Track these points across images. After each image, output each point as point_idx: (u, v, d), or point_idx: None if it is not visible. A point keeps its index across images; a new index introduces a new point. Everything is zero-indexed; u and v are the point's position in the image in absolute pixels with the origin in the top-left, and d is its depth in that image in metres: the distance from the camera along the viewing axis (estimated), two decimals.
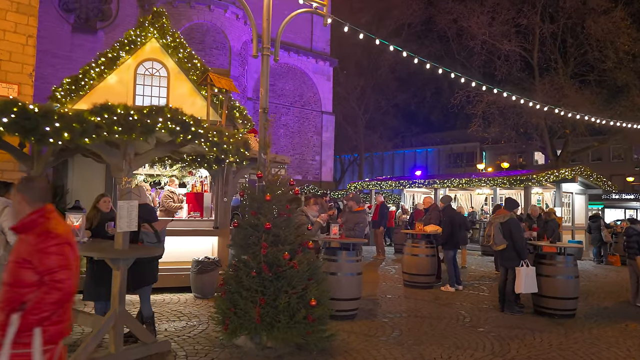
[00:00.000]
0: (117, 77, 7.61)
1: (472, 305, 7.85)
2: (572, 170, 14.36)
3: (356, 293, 6.63)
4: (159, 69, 7.83)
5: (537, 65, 28.38)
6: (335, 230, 6.81)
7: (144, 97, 7.65)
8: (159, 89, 7.70)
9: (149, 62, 7.78)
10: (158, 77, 7.77)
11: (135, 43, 7.53)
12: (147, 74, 7.76)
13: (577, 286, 7.31)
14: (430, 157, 58.38)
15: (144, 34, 7.64)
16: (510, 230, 7.28)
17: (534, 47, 28.08)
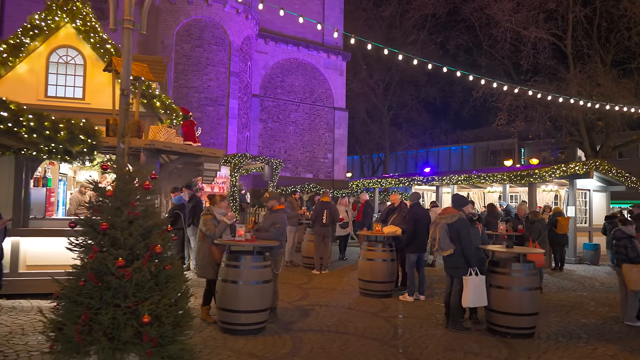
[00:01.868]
0: (28, 66, 7.10)
1: (420, 319, 6.78)
2: (585, 164, 12.77)
3: (260, 304, 5.75)
4: (74, 57, 7.24)
5: (572, 52, 26.16)
6: (241, 232, 5.95)
7: (57, 88, 7.08)
8: (74, 78, 7.10)
9: (63, 49, 7.22)
10: (73, 65, 7.18)
11: (39, 28, 6.98)
12: (62, 62, 7.20)
13: (535, 300, 6.09)
14: (466, 154, 56.05)
15: (51, 18, 7.07)
16: (459, 233, 6.17)
17: (567, 34, 25.93)
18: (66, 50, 7.23)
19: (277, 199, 6.43)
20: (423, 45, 33.83)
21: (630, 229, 7.13)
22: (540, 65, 25.80)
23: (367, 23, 34.51)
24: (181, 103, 19.38)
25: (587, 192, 14.26)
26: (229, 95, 19.88)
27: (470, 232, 6.21)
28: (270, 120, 23.66)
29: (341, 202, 12.83)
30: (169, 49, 19.32)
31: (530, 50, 24.99)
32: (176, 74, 19.36)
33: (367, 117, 36.89)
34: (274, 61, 23.77)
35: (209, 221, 6.12)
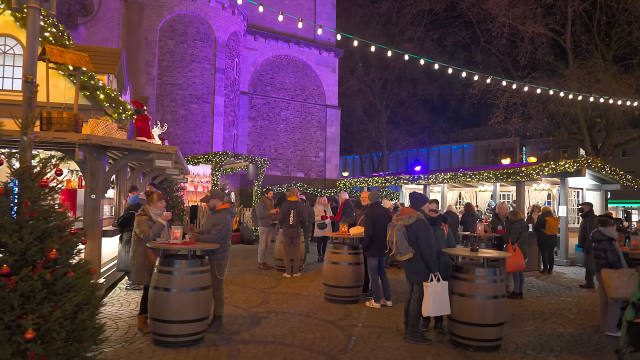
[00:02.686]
0: None
1: (380, 328, 6.24)
2: (576, 161, 12.16)
3: (195, 313, 5.23)
4: (13, 46, 6.76)
5: (571, 48, 25.46)
6: (176, 234, 5.43)
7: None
8: (13, 69, 6.62)
9: (0, 38, 6.73)
10: (12, 55, 6.70)
11: None
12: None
13: (501, 309, 5.52)
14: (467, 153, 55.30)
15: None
16: (417, 235, 5.62)
17: (567, 28, 25.26)
18: (4, 40, 6.75)
19: (219, 198, 5.91)
20: (420, 42, 33.25)
21: (611, 230, 6.57)
22: (538, 61, 25.15)
23: (363, 20, 33.98)
24: (165, 100, 18.97)
25: (580, 191, 13.66)
26: (214, 92, 19.40)
27: (431, 234, 5.65)
28: (260, 118, 23.16)
29: (320, 202, 12.31)
30: (152, 45, 18.87)
31: (528, 45, 24.34)
32: (160, 71, 18.90)
33: (365, 115, 36.33)
34: (264, 58, 23.26)
35: (143, 222, 5.61)
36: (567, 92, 20.57)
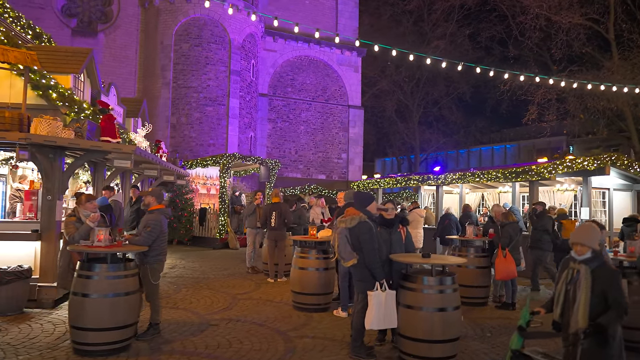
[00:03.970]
0: None
1: (331, 341, 5.72)
2: (597, 158, 11.05)
3: (112, 320, 4.91)
4: None
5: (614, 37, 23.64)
6: (101, 236, 5.15)
7: None
8: None
9: None
10: None
11: None
12: None
13: (453, 323, 4.86)
14: (510, 154, 52.94)
15: None
16: (359, 239, 5.08)
17: (609, 16, 23.47)
18: None
19: (155, 197, 5.58)
20: (452, 38, 32.06)
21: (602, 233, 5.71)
22: (575, 53, 23.49)
23: (394, 18, 33.17)
24: (180, 103, 19.09)
25: (607, 192, 12.45)
26: (229, 94, 19.34)
27: (374, 238, 5.08)
28: (280, 120, 22.93)
29: (317, 204, 11.82)
30: (168, 49, 19.06)
31: (564, 37, 22.78)
32: (175, 74, 19.05)
33: (396, 116, 35.40)
34: (284, 59, 23.04)
35: (70, 224, 5.38)
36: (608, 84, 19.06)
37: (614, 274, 3.30)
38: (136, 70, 19.83)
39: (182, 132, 18.91)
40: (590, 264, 3.31)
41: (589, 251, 3.35)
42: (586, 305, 3.22)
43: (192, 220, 15.90)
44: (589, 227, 3.49)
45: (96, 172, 8.61)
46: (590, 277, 3.27)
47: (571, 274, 3.41)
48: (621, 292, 3.22)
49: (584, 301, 3.23)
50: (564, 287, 3.44)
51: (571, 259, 3.47)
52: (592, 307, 3.22)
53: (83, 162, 7.22)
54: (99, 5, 19.67)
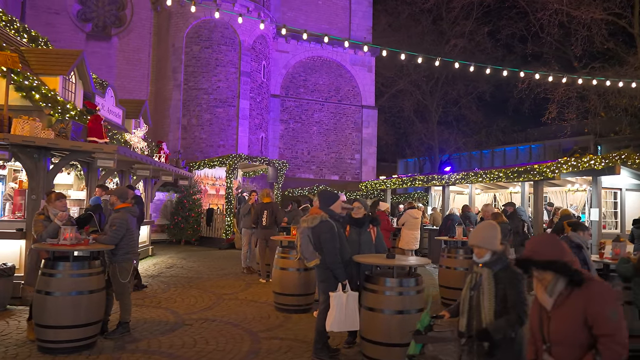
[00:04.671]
0: None
1: (299, 343, 5.63)
2: (605, 157, 10.60)
3: (75, 318, 4.94)
4: None
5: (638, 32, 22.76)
6: (67, 235, 5.19)
7: None
8: None
9: None
10: None
11: None
12: None
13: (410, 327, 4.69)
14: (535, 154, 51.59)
15: None
16: (319, 239, 4.98)
17: (634, 11, 22.61)
18: None
19: (119, 196, 5.60)
20: (471, 36, 31.47)
21: (582, 235, 5.45)
22: (596, 49, 22.68)
23: (412, 17, 32.75)
24: (191, 105, 19.30)
25: (619, 192, 11.93)
26: (239, 95, 19.44)
27: (335, 238, 4.95)
28: (292, 120, 22.93)
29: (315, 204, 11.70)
30: (179, 52, 19.30)
31: (583, 33, 22.03)
32: (186, 76, 19.27)
33: (415, 116, 34.93)
34: (296, 60, 23.04)
35: (38, 222, 5.46)
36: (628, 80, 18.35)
37: (516, 277, 2.90)
38: (149, 73, 20.16)
39: (192, 134, 19.12)
40: (493, 266, 2.98)
41: (488, 253, 3.02)
42: (490, 313, 2.91)
43: (199, 221, 16.03)
44: (485, 227, 3.13)
45: (89, 172, 8.73)
46: (493, 281, 2.95)
47: (475, 279, 3.08)
48: (520, 297, 2.85)
49: (487, 308, 2.92)
50: (468, 294, 3.11)
51: (475, 262, 3.14)
52: (497, 314, 2.90)
53: (68, 162, 7.33)
54: (113, 9, 20.09)
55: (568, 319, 2.26)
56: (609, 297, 2.25)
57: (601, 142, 46.51)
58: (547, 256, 2.34)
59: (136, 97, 19.11)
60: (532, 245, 2.47)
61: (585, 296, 2.24)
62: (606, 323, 2.18)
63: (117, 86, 19.77)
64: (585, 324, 2.22)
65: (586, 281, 2.28)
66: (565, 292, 2.32)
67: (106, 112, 10.92)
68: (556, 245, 2.41)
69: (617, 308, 2.21)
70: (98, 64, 19.33)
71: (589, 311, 2.21)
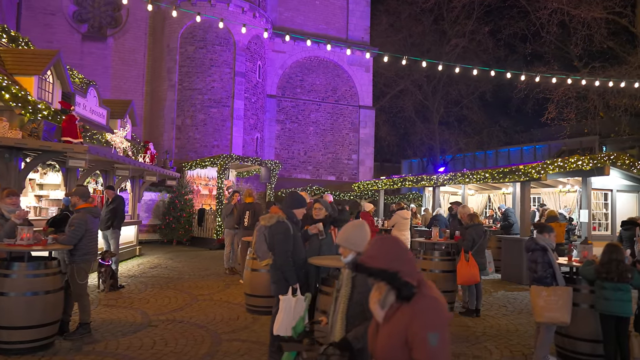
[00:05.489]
0: None
1: (260, 345, 5.56)
2: (593, 158, 10.43)
3: (28, 319, 4.91)
4: None
5: None
6: (24, 235, 5.17)
7: None
8: None
9: None
10: None
11: None
12: None
13: None
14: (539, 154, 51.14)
15: None
16: (273, 239, 4.91)
17: (637, 10, 22.32)
18: None
19: (80, 196, 5.56)
20: (473, 36, 31.26)
21: (547, 237, 5.33)
22: (596, 49, 22.40)
23: (413, 16, 32.60)
24: (185, 105, 19.31)
25: (609, 193, 11.75)
26: (233, 96, 19.42)
27: (289, 240, 4.87)
28: (289, 121, 22.88)
29: None
30: (173, 52, 19.33)
31: (582, 32, 21.77)
32: (180, 77, 19.29)
33: (416, 117, 34.74)
34: (293, 60, 22.98)
35: None
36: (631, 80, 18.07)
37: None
38: (144, 74, 20.21)
39: (187, 134, 19.13)
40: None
41: (351, 254, 2.81)
42: (343, 316, 2.73)
43: (191, 221, 16.03)
44: (352, 226, 2.93)
45: (68, 172, 8.73)
46: (350, 284, 2.79)
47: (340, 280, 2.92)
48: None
49: (341, 311, 2.75)
50: (335, 295, 2.93)
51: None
52: (350, 318, 2.71)
53: (40, 162, 7.33)
54: (109, 10, 20.16)
55: (392, 336, 1.93)
56: (434, 317, 1.88)
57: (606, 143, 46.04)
58: (380, 263, 1.98)
59: (131, 97, 19.16)
60: (371, 248, 2.11)
61: (410, 313, 1.90)
62: (421, 347, 1.83)
63: (112, 87, 19.87)
64: (407, 344, 1.89)
65: (417, 296, 1.93)
66: (395, 305, 1.98)
67: (88, 112, 10.93)
68: (393, 251, 2.03)
69: (439, 332, 1.85)
70: (94, 65, 19.42)
71: (410, 330, 1.87)
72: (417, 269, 2.03)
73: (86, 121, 10.35)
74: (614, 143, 44.13)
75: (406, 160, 50.81)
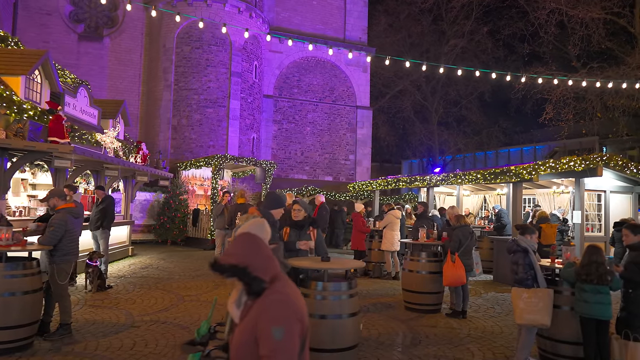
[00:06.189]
0: None
1: None
2: (585, 159, 10.37)
3: (5, 320, 4.89)
4: None
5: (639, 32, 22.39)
6: (3, 235, 5.15)
7: None
8: None
9: None
10: None
11: None
12: None
13: (346, 331, 4.56)
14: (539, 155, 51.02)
15: None
16: None
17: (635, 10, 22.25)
18: None
19: (59, 196, 5.55)
20: (472, 36, 31.22)
21: (529, 239, 5.29)
22: (594, 49, 22.32)
23: (412, 17, 32.56)
24: (181, 105, 19.31)
25: (603, 194, 11.69)
26: (229, 96, 19.41)
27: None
28: (286, 121, 22.85)
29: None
30: (169, 52, 19.32)
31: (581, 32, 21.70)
32: (176, 77, 19.29)
33: (415, 117, 34.67)
34: (290, 60, 22.96)
35: None
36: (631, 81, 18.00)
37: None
38: (140, 74, 20.21)
39: (182, 134, 19.12)
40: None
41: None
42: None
43: (185, 221, 16.01)
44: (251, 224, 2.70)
45: (57, 172, 8.71)
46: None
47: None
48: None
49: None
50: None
51: None
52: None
53: (26, 162, 7.32)
54: (106, 10, 20.17)
55: (243, 333, 1.87)
56: (279, 311, 1.82)
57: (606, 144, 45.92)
58: (232, 259, 1.91)
59: (127, 97, 19.17)
60: (229, 246, 2.06)
61: (258, 308, 1.85)
62: (266, 342, 1.78)
63: (108, 87, 19.88)
64: (256, 341, 1.83)
65: (267, 291, 1.88)
66: (249, 303, 1.93)
67: (78, 112, 10.92)
68: (245, 247, 1.97)
69: (285, 326, 1.79)
70: (90, 65, 19.44)
71: (258, 326, 1.82)
72: (274, 264, 1.96)
73: (76, 121, 10.35)
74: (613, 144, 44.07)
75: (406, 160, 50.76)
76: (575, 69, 23.75)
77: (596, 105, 21.35)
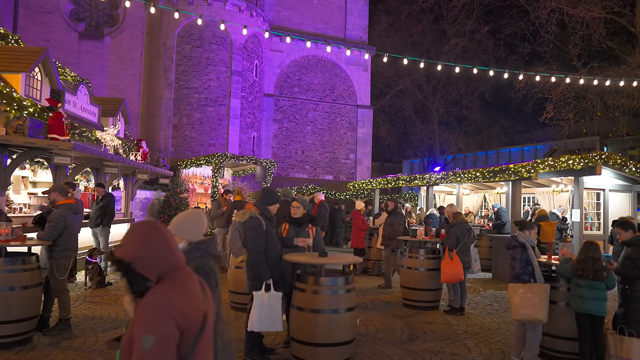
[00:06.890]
0: None
1: (239, 343, 5.55)
2: (584, 157, 10.39)
3: (10, 314, 4.95)
4: None
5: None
6: (2, 230, 5.19)
7: None
8: None
9: None
10: None
11: None
12: None
13: (343, 326, 4.60)
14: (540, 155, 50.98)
15: None
16: (245, 235, 4.93)
17: (636, 10, 22.23)
18: None
19: (60, 192, 5.58)
20: (472, 36, 31.22)
21: (528, 235, 5.31)
22: (594, 48, 22.31)
23: (413, 16, 32.56)
24: (182, 104, 19.35)
25: (602, 193, 11.70)
26: (230, 94, 19.44)
27: (260, 235, 4.86)
28: (286, 120, 22.88)
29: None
30: (170, 51, 19.36)
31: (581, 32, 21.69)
32: (177, 75, 19.32)
33: (415, 116, 34.69)
34: (291, 59, 22.99)
35: None
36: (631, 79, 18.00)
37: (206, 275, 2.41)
38: (141, 72, 20.25)
39: (183, 133, 19.16)
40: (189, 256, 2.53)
41: (182, 242, 2.61)
42: None
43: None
44: (185, 215, 2.74)
45: (57, 169, 8.75)
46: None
47: None
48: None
49: None
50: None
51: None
52: None
53: (25, 159, 7.36)
54: (106, 9, 20.21)
55: (128, 333, 1.69)
56: (151, 318, 1.60)
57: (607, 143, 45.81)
58: (121, 251, 1.72)
59: (128, 95, 19.20)
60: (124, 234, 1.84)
61: (136, 311, 1.67)
62: (136, 350, 1.58)
63: (109, 85, 19.92)
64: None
65: (149, 292, 1.68)
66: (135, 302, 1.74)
67: (79, 109, 10.96)
68: (135, 238, 1.75)
69: (156, 335, 1.58)
70: (91, 63, 19.48)
71: (134, 330, 1.63)
72: (167, 262, 1.74)
73: (76, 119, 10.39)
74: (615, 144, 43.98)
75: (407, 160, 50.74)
76: (576, 68, 23.74)
77: (596, 104, 21.35)
